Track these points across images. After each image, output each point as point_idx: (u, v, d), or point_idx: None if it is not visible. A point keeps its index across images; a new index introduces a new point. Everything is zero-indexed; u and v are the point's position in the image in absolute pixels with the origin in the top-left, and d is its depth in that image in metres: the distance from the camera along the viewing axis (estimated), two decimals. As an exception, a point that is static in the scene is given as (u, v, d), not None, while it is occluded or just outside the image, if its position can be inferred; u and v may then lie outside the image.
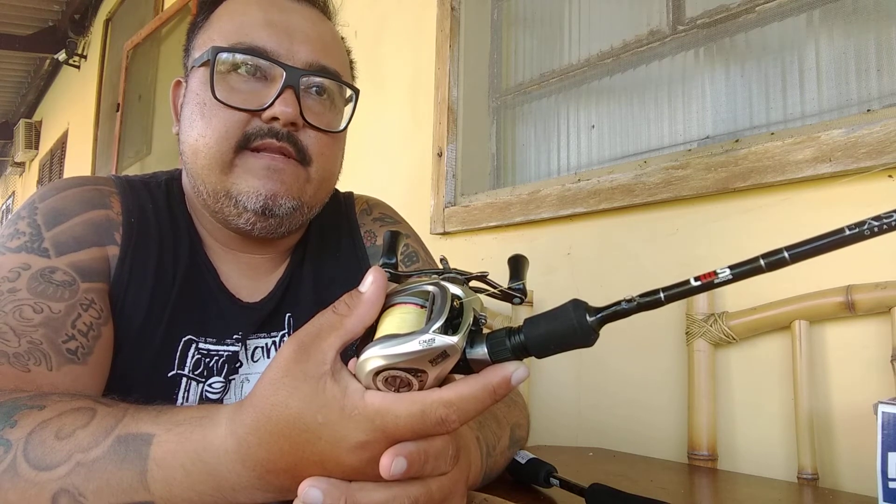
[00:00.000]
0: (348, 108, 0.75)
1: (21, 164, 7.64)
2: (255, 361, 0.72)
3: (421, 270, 0.44)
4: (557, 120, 1.46)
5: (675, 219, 1.09)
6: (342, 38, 0.77)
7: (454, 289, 0.39)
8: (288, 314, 0.75)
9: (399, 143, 1.76)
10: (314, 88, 0.69)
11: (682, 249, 1.08)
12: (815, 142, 0.89)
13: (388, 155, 1.79)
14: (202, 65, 0.67)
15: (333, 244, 0.81)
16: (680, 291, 0.34)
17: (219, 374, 0.70)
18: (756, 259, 0.32)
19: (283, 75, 0.65)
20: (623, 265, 1.17)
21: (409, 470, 0.37)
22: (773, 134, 0.99)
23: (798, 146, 0.91)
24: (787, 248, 0.31)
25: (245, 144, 0.65)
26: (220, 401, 0.70)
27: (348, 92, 0.74)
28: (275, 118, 0.64)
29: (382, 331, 0.38)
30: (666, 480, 0.83)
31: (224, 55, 0.65)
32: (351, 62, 0.78)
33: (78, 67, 5.07)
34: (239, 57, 0.65)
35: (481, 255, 1.46)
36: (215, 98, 0.64)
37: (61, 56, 5.04)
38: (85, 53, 4.97)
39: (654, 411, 1.09)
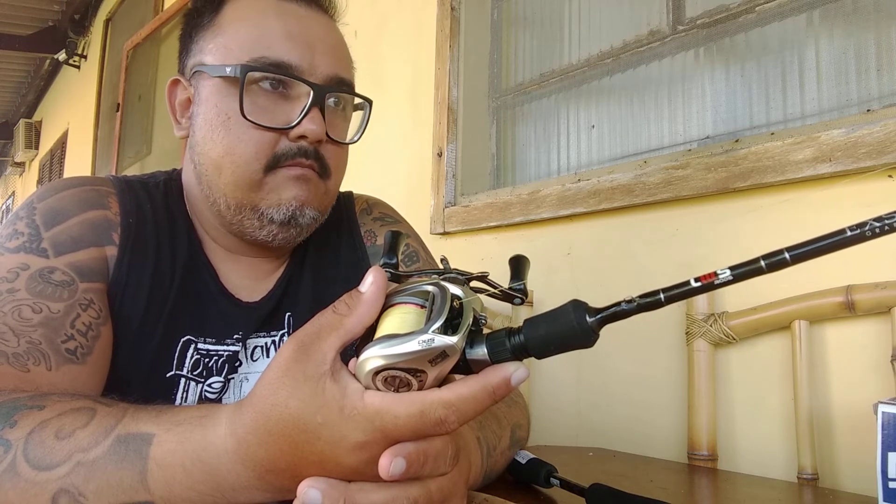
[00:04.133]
0: (356, 116, 0.76)
1: (21, 164, 7.64)
2: (254, 361, 0.72)
3: (421, 270, 0.44)
4: (557, 120, 1.45)
5: (675, 219, 1.09)
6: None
7: (454, 289, 0.38)
8: (288, 313, 0.75)
9: (399, 143, 1.76)
10: (332, 100, 0.70)
11: (682, 249, 1.08)
12: (815, 142, 0.89)
13: (388, 155, 1.79)
14: (222, 76, 0.66)
15: (333, 243, 0.81)
16: (680, 292, 0.34)
17: (218, 374, 0.70)
18: (757, 260, 0.31)
19: (309, 93, 0.65)
20: (623, 265, 1.17)
21: (408, 470, 0.37)
22: (773, 134, 0.99)
23: (798, 146, 0.91)
24: (788, 249, 0.31)
25: (274, 165, 0.66)
26: (218, 400, 0.70)
27: (356, 100, 0.75)
28: (303, 136, 0.65)
29: (382, 331, 0.38)
30: (666, 480, 0.83)
31: (253, 74, 0.65)
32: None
33: (78, 67, 5.06)
34: (271, 76, 0.65)
35: (481, 255, 1.46)
36: (244, 118, 0.64)
37: (61, 56, 5.04)
38: (85, 53, 4.97)
39: (655, 411, 1.09)
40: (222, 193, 0.67)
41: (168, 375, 0.67)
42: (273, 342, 0.74)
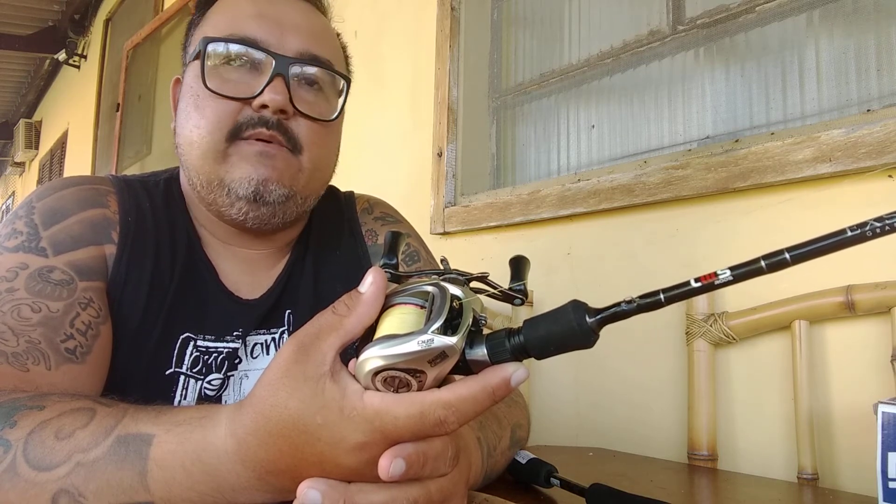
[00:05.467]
0: (342, 99, 0.75)
1: (21, 164, 7.64)
2: (254, 358, 0.73)
3: (421, 271, 0.44)
4: (557, 120, 1.45)
5: (675, 219, 1.09)
6: (338, 35, 0.78)
7: (454, 289, 0.38)
8: (288, 311, 0.75)
9: (399, 142, 1.76)
10: (306, 78, 0.69)
11: (682, 249, 1.08)
12: (815, 142, 0.89)
13: (388, 155, 1.79)
14: (195, 58, 0.68)
15: (334, 242, 0.81)
16: (680, 293, 0.33)
17: (218, 371, 0.70)
18: (757, 260, 0.31)
19: (272, 64, 0.66)
20: (623, 265, 1.17)
21: (407, 471, 0.37)
22: (773, 134, 0.99)
23: (798, 146, 0.91)
24: (789, 250, 0.31)
25: (237, 134, 0.66)
26: (218, 397, 0.71)
27: (342, 83, 0.74)
28: (264, 106, 0.65)
29: (382, 331, 0.38)
30: (666, 480, 0.83)
31: (213, 45, 0.66)
32: (346, 57, 0.79)
33: (78, 67, 5.06)
34: (231, 47, 0.66)
35: (481, 255, 1.46)
36: (207, 88, 0.65)
37: (61, 56, 5.04)
38: (85, 53, 4.97)
39: (654, 411, 1.09)
40: (195, 170, 0.68)
41: (167, 373, 0.67)
42: (273, 339, 0.74)
